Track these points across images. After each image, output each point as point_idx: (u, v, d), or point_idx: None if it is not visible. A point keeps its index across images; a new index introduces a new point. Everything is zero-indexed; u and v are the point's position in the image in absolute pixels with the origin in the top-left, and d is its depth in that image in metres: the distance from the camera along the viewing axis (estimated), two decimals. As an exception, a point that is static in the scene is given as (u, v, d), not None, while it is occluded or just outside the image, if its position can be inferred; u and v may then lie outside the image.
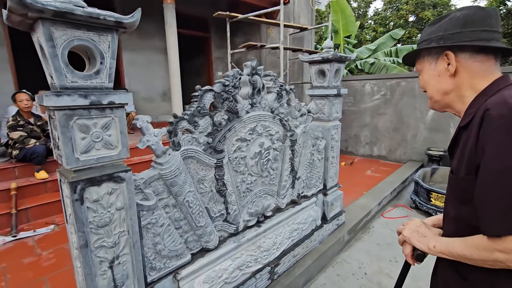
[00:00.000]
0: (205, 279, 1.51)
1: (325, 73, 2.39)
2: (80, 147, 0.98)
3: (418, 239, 0.84)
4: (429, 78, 0.83)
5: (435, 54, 0.80)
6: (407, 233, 0.88)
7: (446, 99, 0.82)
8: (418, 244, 0.83)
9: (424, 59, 0.84)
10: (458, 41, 0.75)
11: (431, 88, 0.84)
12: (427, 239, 0.82)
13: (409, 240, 0.87)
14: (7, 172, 3.37)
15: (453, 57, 0.76)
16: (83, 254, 1.03)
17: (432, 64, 0.82)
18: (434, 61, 0.81)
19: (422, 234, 0.85)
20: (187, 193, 1.39)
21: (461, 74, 0.77)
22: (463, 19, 0.75)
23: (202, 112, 1.45)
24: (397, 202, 3.67)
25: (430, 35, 0.81)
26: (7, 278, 2.12)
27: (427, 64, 0.83)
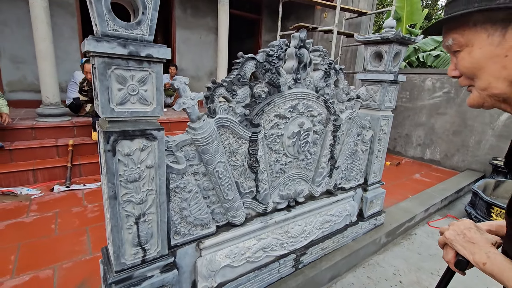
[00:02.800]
0: (228, 254, 1.48)
1: (382, 56, 2.13)
2: (116, 98, 0.97)
3: (462, 244, 0.67)
4: (487, 59, 0.53)
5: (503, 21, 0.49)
6: (450, 235, 0.70)
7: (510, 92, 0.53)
8: (462, 250, 0.66)
9: (475, 27, 0.53)
10: None
11: (488, 75, 0.54)
12: (475, 248, 0.64)
13: (451, 243, 0.69)
14: (67, 130, 3.75)
15: None
16: (111, 205, 1.05)
17: (494, 36, 0.51)
18: (498, 31, 0.50)
19: (469, 239, 0.66)
20: (217, 163, 1.34)
21: None
22: None
23: (242, 80, 1.37)
24: (447, 212, 3.26)
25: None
26: (58, 222, 2.36)
27: (483, 35, 0.52)
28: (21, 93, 4.94)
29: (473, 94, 0.59)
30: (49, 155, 3.43)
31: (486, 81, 0.55)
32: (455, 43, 0.58)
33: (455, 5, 0.54)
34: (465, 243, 0.66)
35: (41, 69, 3.76)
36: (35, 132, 3.58)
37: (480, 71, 0.55)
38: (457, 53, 0.58)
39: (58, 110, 3.89)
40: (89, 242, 2.11)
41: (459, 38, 0.56)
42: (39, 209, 2.56)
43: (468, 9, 0.51)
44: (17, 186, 3.01)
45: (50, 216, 2.45)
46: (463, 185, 3.77)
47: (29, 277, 1.73)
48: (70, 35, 5.03)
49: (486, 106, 0.60)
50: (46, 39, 3.66)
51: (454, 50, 0.59)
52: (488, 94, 0.56)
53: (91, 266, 1.85)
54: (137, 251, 1.16)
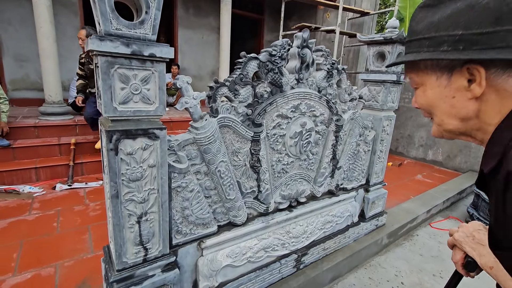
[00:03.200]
0: (229, 253, 1.48)
1: (384, 56, 2.13)
2: (118, 97, 0.97)
3: (472, 246, 0.67)
4: (437, 99, 0.57)
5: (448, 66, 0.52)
6: (459, 236, 0.71)
7: (464, 127, 0.56)
8: (471, 252, 0.66)
9: (426, 70, 0.56)
10: (489, 47, 0.46)
11: (440, 112, 0.58)
12: (484, 250, 0.64)
13: (460, 244, 0.70)
14: (70, 129, 3.76)
15: (484, 73, 0.49)
16: (113, 204, 1.05)
17: (441, 79, 0.54)
18: (445, 75, 0.54)
19: (478, 240, 0.66)
20: (219, 163, 1.34)
21: (489, 95, 0.51)
22: (497, 11, 0.45)
23: (244, 80, 1.37)
24: (449, 213, 3.25)
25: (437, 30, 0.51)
26: (59, 220, 2.37)
27: (432, 77, 0.56)
28: (24, 91, 4.96)
29: (433, 126, 0.62)
30: (52, 153, 3.44)
31: (439, 118, 0.58)
32: (412, 82, 0.61)
33: (410, 46, 0.58)
34: (474, 245, 0.67)
35: (44, 68, 3.78)
36: (38, 131, 3.60)
37: (433, 109, 0.59)
38: (415, 90, 0.62)
39: (61, 108, 3.91)
40: (90, 241, 2.12)
41: (414, 77, 0.60)
42: (41, 207, 2.57)
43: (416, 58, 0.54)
44: (19, 184, 3.03)
45: (52, 214, 2.46)
46: (465, 186, 3.75)
47: (31, 275, 1.74)
48: (73, 34, 5.04)
49: (446, 137, 0.62)
50: (50, 37, 3.68)
51: (413, 87, 0.63)
52: (443, 129, 0.60)
53: (92, 264, 1.85)
54: (139, 250, 1.16)
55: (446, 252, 2.41)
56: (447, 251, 2.43)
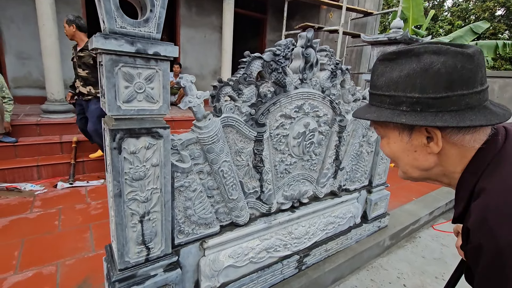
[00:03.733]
0: (231, 254, 1.47)
1: (389, 57, 2.11)
2: (122, 96, 0.97)
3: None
4: (400, 152, 0.60)
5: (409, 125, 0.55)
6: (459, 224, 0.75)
7: (427, 175, 0.62)
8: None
9: (389, 125, 0.60)
10: (444, 110, 0.50)
11: (404, 163, 0.62)
12: None
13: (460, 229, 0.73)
14: (72, 127, 3.76)
15: (439, 134, 0.53)
16: (116, 203, 1.05)
17: (403, 135, 0.58)
18: (406, 131, 0.57)
19: None
20: (222, 163, 1.34)
21: (447, 149, 0.56)
22: (448, 76, 0.49)
23: (248, 80, 1.36)
24: (451, 215, 3.22)
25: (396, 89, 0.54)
26: (61, 218, 2.36)
27: (395, 132, 0.59)
28: (26, 89, 4.96)
29: (399, 171, 0.66)
30: (53, 151, 3.45)
31: (404, 167, 0.63)
32: (378, 132, 0.65)
33: (373, 98, 0.60)
34: None
35: (47, 66, 3.78)
36: (40, 129, 3.60)
37: (398, 159, 0.63)
38: (381, 139, 0.65)
39: (63, 106, 3.92)
40: (92, 239, 2.12)
41: (379, 129, 0.63)
42: (43, 205, 2.57)
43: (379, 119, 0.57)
44: (21, 182, 3.03)
45: (54, 212, 2.46)
46: (468, 189, 3.73)
47: (32, 273, 1.73)
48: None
49: (413, 181, 0.68)
50: (52, 35, 3.68)
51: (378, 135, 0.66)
52: (408, 176, 0.64)
53: (94, 263, 1.85)
54: (141, 249, 1.16)
55: (448, 255, 2.40)
56: (449, 254, 2.42)
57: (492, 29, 11.08)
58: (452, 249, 2.49)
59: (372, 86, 0.60)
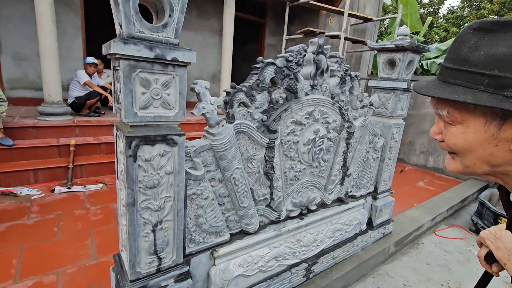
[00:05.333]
0: (241, 263, 1.44)
1: (395, 64, 2.12)
2: (139, 102, 0.94)
3: (491, 240, 0.71)
4: (477, 144, 0.51)
5: (503, 113, 0.46)
6: (483, 233, 0.75)
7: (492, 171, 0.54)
8: (491, 245, 0.71)
9: (475, 111, 0.49)
10: None
11: (474, 157, 0.53)
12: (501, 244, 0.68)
13: (484, 240, 0.74)
14: (69, 130, 3.69)
15: None
16: (129, 212, 1.01)
17: (491, 126, 0.48)
18: (496, 122, 0.48)
19: (498, 236, 0.71)
20: (234, 170, 1.31)
21: None
22: None
23: (261, 86, 1.35)
24: (453, 221, 3.25)
25: (502, 69, 0.44)
26: (60, 225, 2.30)
27: (480, 121, 0.49)
28: (21, 90, 4.86)
29: (455, 163, 0.57)
30: (50, 154, 3.36)
31: (471, 162, 0.54)
32: (450, 117, 0.53)
33: (456, 76, 0.49)
34: (494, 240, 0.71)
35: (44, 67, 3.71)
36: (36, 131, 3.52)
37: (468, 152, 0.53)
38: (447, 125, 0.54)
39: (60, 109, 3.84)
40: (93, 246, 2.06)
41: (455, 114, 0.52)
42: (40, 211, 2.50)
43: (474, 101, 0.46)
44: (17, 186, 2.95)
45: (52, 218, 2.39)
46: (467, 194, 3.77)
47: (32, 283, 1.67)
48: (74, 33, 4.97)
49: (466, 175, 0.59)
50: (51, 36, 3.62)
51: (445, 120, 0.54)
52: (470, 171, 0.55)
53: (96, 271, 1.79)
54: (153, 259, 1.12)
55: (452, 261, 2.40)
56: (453, 260, 2.42)
57: (485, 37, 11.32)
58: (455, 255, 2.50)
59: (457, 59, 0.50)
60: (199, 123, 4.72)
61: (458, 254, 2.53)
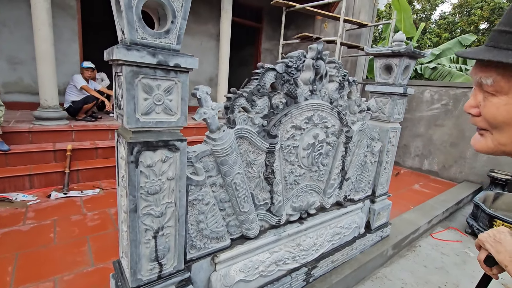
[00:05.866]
0: (242, 268, 1.43)
1: (391, 69, 2.15)
2: (141, 108, 0.94)
3: (491, 243, 0.73)
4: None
5: None
6: (482, 236, 0.77)
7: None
8: (491, 249, 0.73)
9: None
10: None
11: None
12: (501, 247, 0.70)
13: (483, 243, 0.76)
14: (65, 135, 3.66)
15: None
16: (131, 218, 1.01)
17: None
18: None
19: (498, 239, 0.72)
20: (235, 175, 1.31)
21: None
22: None
23: (262, 91, 1.36)
24: (448, 224, 3.28)
25: None
26: (56, 230, 2.27)
27: None
28: (17, 94, 4.81)
29: (485, 140, 0.52)
30: (46, 159, 3.33)
31: (509, 139, 0.49)
32: (494, 86, 0.47)
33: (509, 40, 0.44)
34: (494, 243, 0.72)
35: (40, 71, 3.68)
36: (32, 136, 3.48)
37: (509, 126, 0.48)
38: (489, 95, 0.49)
39: (56, 113, 3.80)
40: (90, 253, 2.03)
41: (502, 83, 0.46)
42: (36, 216, 2.47)
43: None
44: (12, 191, 2.90)
45: (48, 224, 2.36)
46: (462, 197, 3.81)
47: (28, 290, 1.65)
48: (70, 37, 4.95)
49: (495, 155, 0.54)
50: (47, 40, 3.60)
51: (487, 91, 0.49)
52: (504, 149, 0.51)
53: (94, 278, 1.77)
54: (154, 266, 1.11)
55: (449, 264, 2.42)
56: (450, 263, 2.44)
57: (477, 42, 11.56)
58: (452, 258, 2.52)
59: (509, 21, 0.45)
60: (197, 127, 4.71)
61: (454, 256, 2.55)
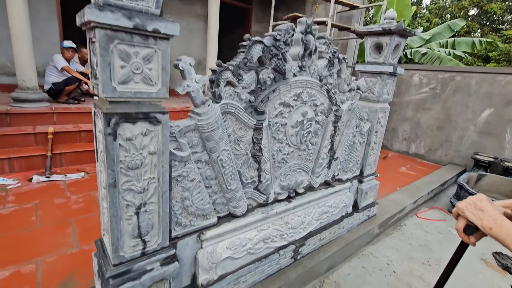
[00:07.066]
0: (229, 245, 1.43)
1: (381, 48, 2.12)
2: (118, 76, 0.88)
3: (472, 211, 0.74)
4: None
5: None
6: (462, 205, 0.78)
7: None
8: (471, 217, 0.74)
9: None
10: None
11: None
12: (484, 215, 0.71)
13: (462, 212, 0.77)
14: (47, 117, 3.51)
15: None
16: (110, 193, 0.96)
17: None
18: None
19: (479, 207, 0.73)
20: (221, 151, 1.28)
21: None
22: None
23: (249, 65, 1.30)
24: (433, 204, 3.37)
25: None
26: (38, 214, 2.20)
27: None
28: (-8, 76, 4.56)
29: None
30: (26, 143, 3.20)
31: None
32: None
33: None
34: (475, 211, 0.73)
35: (17, 51, 3.48)
36: (10, 118, 3.32)
37: None
38: None
39: (36, 95, 3.63)
40: (74, 235, 1.99)
41: None
42: (17, 200, 2.38)
43: None
44: (-9, 175, 2.79)
45: (30, 207, 2.29)
46: (447, 178, 3.92)
47: (9, 272, 1.60)
48: (48, 16, 4.68)
49: None
50: (22, 18, 3.38)
51: None
52: None
53: (78, 259, 1.74)
54: (137, 243, 1.08)
55: (433, 241, 2.50)
56: (433, 240, 2.52)
57: (466, 28, 11.62)
58: (435, 236, 2.61)
59: None
60: (184, 110, 4.61)
61: (438, 234, 2.64)
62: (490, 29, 12.49)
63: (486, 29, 12.27)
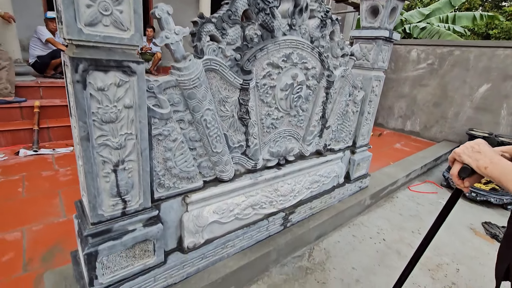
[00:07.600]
0: (216, 209, 1.40)
1: (378, 12, 2.02)
2: (84, 16, 0.80)
3: (469, 154, 0.72)
4: None
5: None
6: (459, 149, 0.76)
7: None
8: (467, 159, 0.72)
9: None
10: None
11: None
12: (480, 156, 0.69)
13: (459, 155, 0.75)
14: (32, 91, 3.40)
15: None
16: (83, 148, 0.91)
17: None
18: None
19: (477, 150, 0.71)
20: (205, 111, 1.22)
21: None
22: None
23: (233, 18, 1.22)
24: (426, 178, 3.38)
25: None
26: (25, 185, 2.16)
27: None
28: (-26, 50, 4.36)
29: None
30: (12, 117, 3.11)
31: None
32: None
33: None
34: (472, 153, 0.72)
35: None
36: (-6, 92, 3.20)
37: None
38: None
39: (20, 68, 3.50)
40: (62, 205, 1.96)
41: None
42: (3, 172, 2.34)
43: None
44: (-24, 149, 2.72)
45: (16, 179, 2.24)
46: (440, 154, 3.91)
47: (-6, 240, 1.58)
48: (30, -16, 4.42)
49: None
50: (0, -17, 3.18)
51: None
52: None
53: (65, 228, 1.72)
54: (116, 202, 1.05)
55: (424, 212, 2.52)
56: (424, 211, 2.54)
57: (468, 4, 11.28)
58: (427, 207, 2.62)
59: None
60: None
61: (429, 205, 2.65)
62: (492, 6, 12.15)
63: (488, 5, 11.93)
